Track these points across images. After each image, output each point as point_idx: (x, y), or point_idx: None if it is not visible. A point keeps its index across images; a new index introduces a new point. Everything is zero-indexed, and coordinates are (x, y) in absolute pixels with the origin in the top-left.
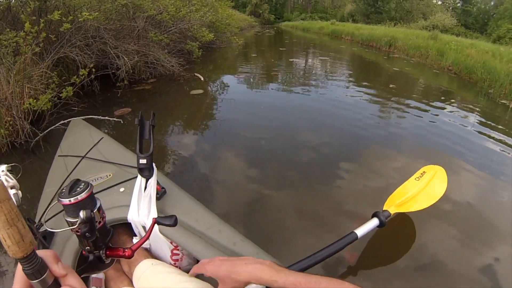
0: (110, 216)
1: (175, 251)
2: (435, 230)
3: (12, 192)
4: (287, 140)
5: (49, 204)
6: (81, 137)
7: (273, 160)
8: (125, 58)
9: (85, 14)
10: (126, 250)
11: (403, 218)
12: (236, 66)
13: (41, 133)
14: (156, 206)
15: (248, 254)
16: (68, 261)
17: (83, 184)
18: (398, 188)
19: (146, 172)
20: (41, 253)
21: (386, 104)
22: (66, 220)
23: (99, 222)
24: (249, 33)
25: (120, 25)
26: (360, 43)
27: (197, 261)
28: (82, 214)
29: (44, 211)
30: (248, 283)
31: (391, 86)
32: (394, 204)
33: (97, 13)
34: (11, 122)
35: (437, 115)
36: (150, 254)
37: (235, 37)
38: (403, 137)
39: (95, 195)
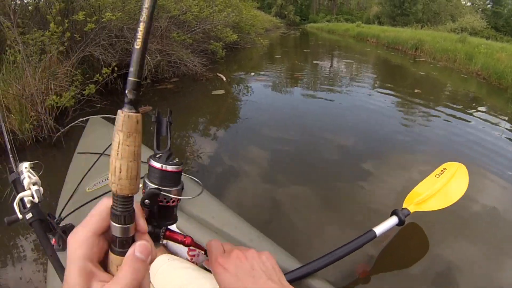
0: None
1: (192, 247)
2: (455, 231)
3: (34, 188)
4: (308, 141)
5: (69, 199)
6: (99, 134)
7: (292, 160)
8: (148, 57)
9: (108, 15)
10: (186, 237)
11: (422, 216)
12: (260, 67)
13: (62, 129)
14: None
15: (265, 250)
16: None
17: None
18: (418, 185)
19: None
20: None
21: (411, 109)
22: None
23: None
24: (274, 34)
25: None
26: (385, 45)
27: None
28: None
29: (64, 206)
30: None
31: (416, 90)
32: (413, 203)
33: (120, 13)
34: (35, 117)
35: (463, 120)
36: (167, 249)
37: (259, 38)
38: (427, 141)
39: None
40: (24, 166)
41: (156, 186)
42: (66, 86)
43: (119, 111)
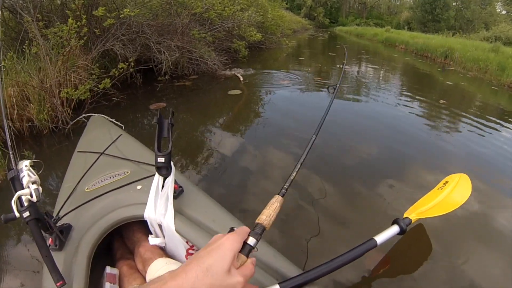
0: (127, 213)
1: (190, 251)
2: (457, 241)
3: (33, 187)
4: (319, 146)
5: (67, 199)
6: (100, 133)
7: (302, 166)
8: (167, 54)
9: (126, 11)
10: None
11: (424, 227)
12: (282, 68)
13: (71, 121)
14: (173, 204)
15: (266, 257)
16: (84, 255)
17: None
18: (421, 199)
19: (164, 170)
20: None
21: (434, 120)
22: None
23: None
24: (302, 36)
25: (163, 22)
26: (414, 52)
27: None
28: None
29: (62, 206)
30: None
31: (441, 101)
32: (415, 212)
33: (139, 10)
34: (51, 108)
35: (489, 135)
36: (165, 253)
37: (285, 38)
38: (444, 155)
39: (111, 192)
40: (25, 164)
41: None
42: (84, 79)
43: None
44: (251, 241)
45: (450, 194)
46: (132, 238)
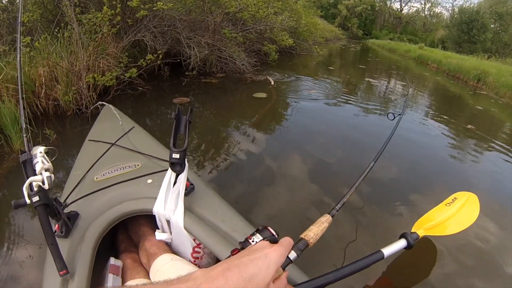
0: (135, 206)
1: (196, 249)
2: (463, 260)
3: (46, 174)
4: (334, 159)
5: (75, 186)
6: (112, 124)
7: (318, 179)
8: (196, 49)
9: (160, 4)
10: None
11: (431, 245)
12: (311, 75)
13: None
14: (184, 201)
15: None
16: (89, 244)
17: None
18: (428, 213)
19: (177, 167)
20: None
21: (458, 145)
22: None
23: None
24: (334, 45)
25: (195, 18)
26: (446, 72)
27: (218, 261)
28: None
29: (70, 193)
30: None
31: (469, 126)
32: (422, 227)
33: (172, 4)
34: (76, 91)
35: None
36: (171, 249)
37: (316, 46)
38: (459, 173)
39: (120, 184)
40: (39, 151)
41: None
42: (113, 66)
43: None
44: (292, 255)
45: (459, 212)
46: (138, 232)
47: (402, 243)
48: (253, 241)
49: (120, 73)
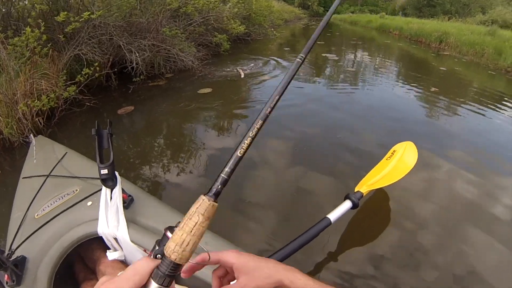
0: (80, 232)
1: None
2: (410, 205)
3: None
4: (271, 132)
5: (18, 229)
6: (44, 155)
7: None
8: (137, 54)
9: (86, 14)
10: None
11: (379, 198)
12: (260, 60)
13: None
14: (125, 215)
15: (220, 250)
16: (44, 286)
17: None
18: (371, 171)
19: (109, 182)
20: None
21: (422, 108)
22: None
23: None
24: (294, 26)
25: (131, 21)
26: (408, 38)
27: None
28: None
29: (14, 237)
30: (280, 282)
31: (433, 89)
32: (365, 185)
33: (101, 11)
34: (13, 122)
35: (490, 119)
36: (125, 265)
37: (272, 29)
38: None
39: (62, 214)
40: None
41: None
42: (53, 87)
43: (204, 197)
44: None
45: (399, 162)
46: (92, 257)
47: (347, 205)
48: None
49: (59, 93)
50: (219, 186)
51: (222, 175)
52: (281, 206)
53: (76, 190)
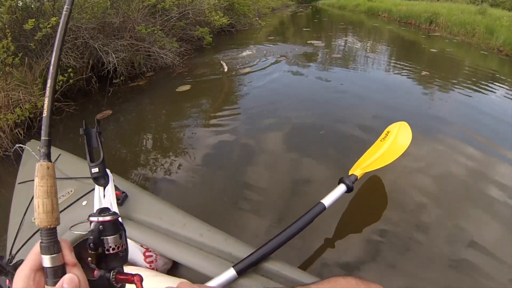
0: (77, 231)
1: (147, 253)
2: (406, 186)
3: None
4: (253, 126)
5: (16, 234)
6: (38, 159)
7: (235, 144)
8: (113, 55)
9: (53, 20)
10: (135, 275)
11: (374, 181)
12: (244, 51)
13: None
14: (119, 211)
15: (217, 242)
16: None
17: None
18: (364, 154)
19: (101, 180)
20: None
21: (416, 88)
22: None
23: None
24: (281, 14)
25: (103, 22)
26: (397, 20)
27: (171, 260)
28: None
29: (13, 242)
30: None
31: (424, 73)
32: (359, 168)
33: (73, 14)
34: None
35: (482, 99)
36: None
37: (257, 18)
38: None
39: (59, 215)
40: None
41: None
42: (30, 97)
43: (37, 163)
44: None
45: (393, 143)
46: (88, 256)
47: (341, 188)
48: None
49: (34, 102)
50: (46, 148)
51: (43, 137)
52: (276, 193)
53: (71, 191)
